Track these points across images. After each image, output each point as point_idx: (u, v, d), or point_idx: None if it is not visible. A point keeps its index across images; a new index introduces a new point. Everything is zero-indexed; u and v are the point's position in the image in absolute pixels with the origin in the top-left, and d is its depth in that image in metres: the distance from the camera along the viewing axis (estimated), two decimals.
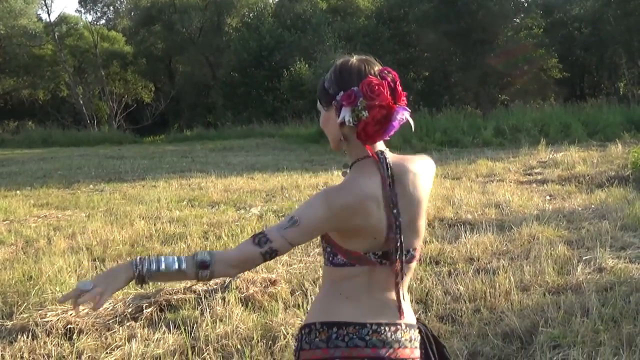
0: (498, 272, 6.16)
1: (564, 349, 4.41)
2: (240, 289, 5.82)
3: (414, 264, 2.31)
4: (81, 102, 43.41)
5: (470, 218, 9.05)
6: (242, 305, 5.55)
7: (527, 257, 6.79)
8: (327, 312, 2.16)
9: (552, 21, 37.11)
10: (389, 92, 2.15)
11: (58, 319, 5.25)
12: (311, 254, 7.18)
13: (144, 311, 5.45)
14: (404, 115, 2.17)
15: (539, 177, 13.17)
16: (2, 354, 4.76)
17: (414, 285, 5.96)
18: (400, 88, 2.20)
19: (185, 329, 5.03)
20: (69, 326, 5.17)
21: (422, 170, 2.31)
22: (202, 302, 5.54)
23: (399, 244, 2.13)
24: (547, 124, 22.48)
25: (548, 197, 10.65)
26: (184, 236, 8.50)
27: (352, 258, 2.15)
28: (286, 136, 28.43)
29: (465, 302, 5.51)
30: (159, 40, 48.71)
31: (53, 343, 4.91)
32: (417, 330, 2.30)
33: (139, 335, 4.97)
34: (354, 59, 2.28)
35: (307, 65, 32.01)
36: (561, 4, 37.08)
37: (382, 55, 34.22)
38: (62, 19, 48.82)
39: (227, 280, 6.07)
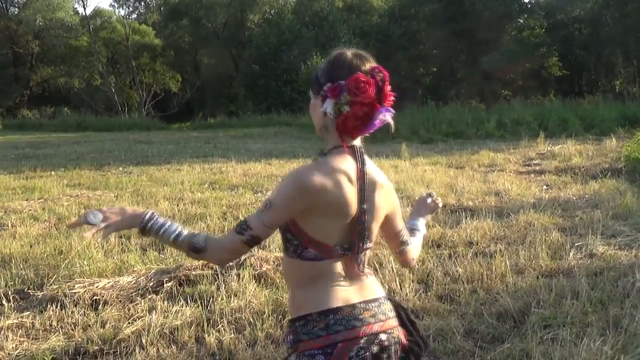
0: (495, 256, 6.12)
1: (554, 328, 4.37)
2: (254, 266, 5.81)
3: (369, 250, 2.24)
4: (113, 90, 43.66)
5: (471, 205, 9.00)
6: (256, 282, 5.54)
7: (523, 242, 6.73)
8: (319, 301, 2.09)
9: (554, 22, 36.88)
10: (374, 91, 2.07)
11: (85, 291, 5.27)
12: None
13: (165, 285, 5.45)
14: (385, 116, 2.10)
15: (537, 167, 13.08)
16: (32, 322, 4.78)
17: (416, 266, 5.93)
18: (388, 89, 2.11)
19: (201, 303, 5.03)
20: (95, 297, 5.19)
21: (390, 187, 2.27)
22: (218, 278, 5.54)
23: (362, 241, 2.12)
24: (546, 118, 22.35)
25: (545, 187, 10.58)
26: (204, 216, 8.50)
27: (323, 250, 2.08)
28: (302, 125, 28.41)
29: (463, 283, 5.48)
30: (186, 34, 48.77)
31: (80, 313, 4.93)
32: (389, 300, 2.28)
33: (159, 307, 4.97)
34: (349, 52, 2.17)
35: (323, 60, 31.82)
36: (562, 6, 36.79)
37: (393, 52, 34.32)
38: (97, 12, 49.15)
39: (243, 258, 6.07)
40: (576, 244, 6.52)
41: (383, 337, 2.13)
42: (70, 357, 4.23)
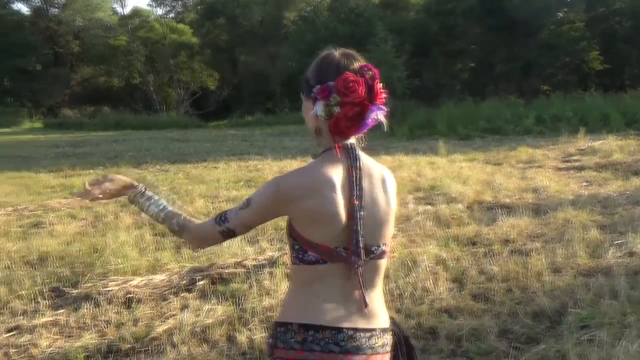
0: (531, 254, 6.02)
1: (591, 329, 4.27)
2: (287, 264, 5.80)
3: (384, 261, 2.14)
4: (152, 89, 44.16)
5: (508, 202, 8.88)
6: (288, 280, 5.51)
7: (561, 240, 6.61)
8: (305, 313, 2.02)
9: (594, 15, 36.20)
10: (364, 90, 2.01)
11: (119, 289, 5.31)
12: None
13: (197, 283, 5.47)
14: (377, 114, 2.03)
15: (577, 164, 12.83)
16: (67, 320, 4.83)
17: (451, 265, 5.87)
18: (378, 87, 2.04)
19: (233, 301, 5.03)
20: (128, 295, 5.23)
21: (390, 179, 2.19)
22: (251, 277, 5.53)
23: (356, 236, 1.99)
24: (586, 113, 21.89)
25: (584, 183, 10.39)
26: None
27: (323, 253, 1.99)
28: None
29: (498, 281, 5.39)
30: (223, 32, 48.99)
31: (113, 311, 4.97)
32: (391, 334, 2.17)
33: (191, 305, 4.99)
34: (337, 52, 2.12)
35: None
36: None
37: (430, 47, 34.06)
38: (135, 12, 49.74)
39: (275, 255, 6.07)
40: (615, 242, 6.38)
41: None
42: (102, 355, 4.26)
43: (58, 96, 47.04)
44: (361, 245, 2.00)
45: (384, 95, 2.06)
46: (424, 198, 9.43)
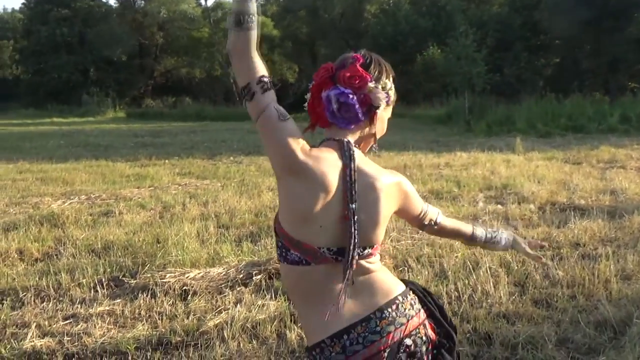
0: (601, 260, 5.75)
1: None
2: None
3: (375, 259, 2.08)
4: (232, 80, 44.74)
5: (582, 203, 8.55)
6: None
7: (635, 245, 6.31)
8: (329, 324, 1.95)
9: None
10: (328, 74, 2.10)
11: (176, 281, 5.35)
12: (420, 232, 6.95)
13: (254, 278, 5.46)
14: (327, 93, 2.09)
15: None
16: (122, 310, 4.89)
17: (515, 268, 5.67)
18: (352, 71, 2.06)
19: (286, 297, 4.99)
20: (184, 288, 5.26)
21: (393, 184, 2.12)
22: None
23: (353, 239, 1.94)
24: None
25: None
26: None
27: (307, 253, 1.94)
28: (416, 117, 28.07)
29: (562, 287, 5.17)
30: (303, 25, 49.20)
31: (169, 302, 5.00)
32: (411, 291, 2.11)
33: (245, 300, 4.98)
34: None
35: (439, 50, 31.48)
36: None
37: (513, 42, 33.32)
38: (218, 4, 50.55)
39: None
40: None
41: (408, 342, 1.99)
42: (152, 347, 4.28)
43: (141, 87, 48.32)
44: (360, 252, 1.98)
45: (356, 81, 2.06)
46: (495, 197, 9.20)
